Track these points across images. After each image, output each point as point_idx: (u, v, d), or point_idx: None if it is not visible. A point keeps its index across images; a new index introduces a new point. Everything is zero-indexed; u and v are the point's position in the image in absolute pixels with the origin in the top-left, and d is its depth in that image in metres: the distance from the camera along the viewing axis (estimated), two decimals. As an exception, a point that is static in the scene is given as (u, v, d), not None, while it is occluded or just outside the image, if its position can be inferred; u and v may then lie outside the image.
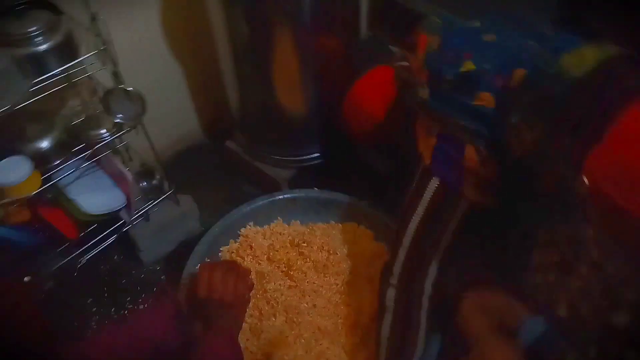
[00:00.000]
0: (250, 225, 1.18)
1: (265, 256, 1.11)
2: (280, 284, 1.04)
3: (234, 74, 1.26)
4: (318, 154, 1.39)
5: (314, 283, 1.04)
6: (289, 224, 1.20)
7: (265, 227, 1.19)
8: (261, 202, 1.17)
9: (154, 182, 1.26)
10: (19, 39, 0.87)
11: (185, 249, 1.13)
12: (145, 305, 1.16)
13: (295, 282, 1.04)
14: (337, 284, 1.05)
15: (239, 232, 1.17)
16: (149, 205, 1.22)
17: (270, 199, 1.18)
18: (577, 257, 0.66)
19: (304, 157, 1.39)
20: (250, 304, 1.00)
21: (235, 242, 1.16)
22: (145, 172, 1.27)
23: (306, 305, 1.01)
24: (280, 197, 1.19)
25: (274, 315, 0.99)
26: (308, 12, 1.05)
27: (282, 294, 1.02)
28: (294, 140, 1.37)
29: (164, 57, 1.37)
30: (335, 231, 1.16)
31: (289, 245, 1.12)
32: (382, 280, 0.86)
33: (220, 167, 1.53)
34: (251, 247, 1.12)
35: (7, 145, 0.97)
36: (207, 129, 1.63)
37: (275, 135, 1.36)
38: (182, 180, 1.37)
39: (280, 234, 1.16)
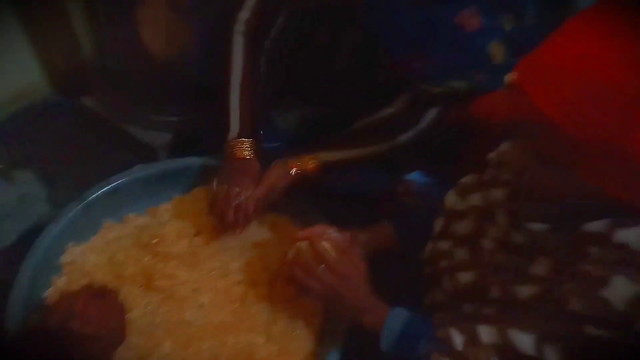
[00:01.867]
0: (70, 246, 0.87)
1: (112, 276, 0.83)
2: (147, 305, 0.79)
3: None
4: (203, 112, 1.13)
5: (188, 281, 0.81)
6: (121, 221, 0.93)
7: (92, 239, 0.90)
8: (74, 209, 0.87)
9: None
10: None
11: (32, 239, 0.85)
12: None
13: (165, 292, 0.81)
14: (217, 265, 0.84)
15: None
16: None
17: (85, 203, 0.88)
18: (484, 231, 0.65)
19: (187, 117, 1.13)
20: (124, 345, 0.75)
21: (60, 277, 0.85)
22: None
23: (190, 310, 0.79)
24: (97, 193, 0.89)
25: (157, 345, 0.75)
26: None
27: (155, 316, 0.77)
28: (172, 95, 1.10)
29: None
30: (184, 207, 0.93)
31: (135, 249, 0.86)
32: None
33: (76, 131, 1.20)
34: (85, 275, 0.82)
35: None
36: (57, 81, 1.27)
37: (147, 88, 1.08)
38: (23, 151, 1.10)
39: (118, 239, 0.89)
